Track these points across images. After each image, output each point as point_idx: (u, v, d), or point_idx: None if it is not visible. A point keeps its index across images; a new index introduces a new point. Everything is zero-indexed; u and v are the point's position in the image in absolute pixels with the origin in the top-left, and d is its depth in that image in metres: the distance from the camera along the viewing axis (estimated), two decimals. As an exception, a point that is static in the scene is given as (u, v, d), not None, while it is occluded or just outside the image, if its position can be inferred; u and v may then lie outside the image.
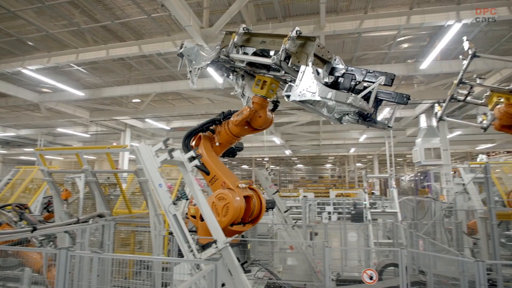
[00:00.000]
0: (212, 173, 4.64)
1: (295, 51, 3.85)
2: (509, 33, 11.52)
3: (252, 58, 4.31)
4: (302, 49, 3.86)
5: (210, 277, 2.33)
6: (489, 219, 5.97)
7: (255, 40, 4.39)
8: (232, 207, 4.13)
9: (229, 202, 4.17)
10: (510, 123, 6.33)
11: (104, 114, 19.22)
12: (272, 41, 4.22)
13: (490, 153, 29.82)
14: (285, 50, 3.71)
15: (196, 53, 5.15)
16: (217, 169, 4.65)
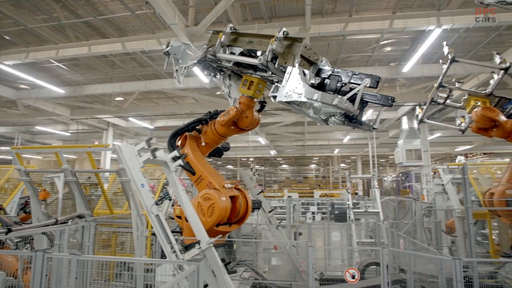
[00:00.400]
0: (198, 173, 4.59)
1: (282, 52, 3.86)
2: (486, 39, 11.97)
3: (239, 58, 4.29)
4: (289, 50, 3.87)
5: (192, 278, 2.29)
6: (466, 218, 6.17)
7: (242, 40, 4.37)
8: (218, 208, 4.10)
9: (215, 202, 4.13)
10: (486, 125, 6.58)
11: (85, 112, 18.73)
12: (259, 41, 4.21)
13: (468, 154, 30.86)
14: (272, 50, 3.72)
15: (183, 52, 5.09)
16: (203, 169, 4.60)
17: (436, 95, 7.61)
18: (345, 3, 10.10)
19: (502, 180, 6.79)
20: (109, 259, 5.14)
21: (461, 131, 7.68)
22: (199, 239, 3.89)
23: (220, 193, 4.29)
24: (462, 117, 7.66)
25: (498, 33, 11.54)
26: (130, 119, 20.93)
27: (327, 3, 10.22)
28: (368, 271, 7.95)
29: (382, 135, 24.52)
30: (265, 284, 6.55)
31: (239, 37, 4.38)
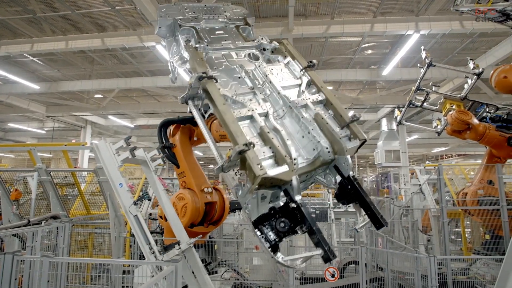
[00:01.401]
0: (181, 167, 4.47)
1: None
2: (461, 45, 12.47)
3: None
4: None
5: (170, 279, 2.24)
6: (441, 217, 6.39)
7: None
8: (190, 208, 4.00)
9: (187, 202, 4.05)
10: (461, 128, 6.84)
11: (62, 109, 18.08)
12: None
13: (443, 156, 31.98)
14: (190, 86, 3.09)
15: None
16: (188, 165, 4.46)
17: (414, 98, 7.86)
18: (327, 6, 10.25)
19: (475, 180, 7.07)
20: (83, 261, 4.97)
21: (437, 133, 7.96)
22: (179, 239, 3.83)
23: (193, 194, 4.19)
24: (438, 119, 7.94)
25: (471, 40, 12.04)
26: (109, 117, 20.40)
27: (310, 5, 10.33)
28: (348, 269, 8.09)
29: (362, 137, 25.00)
30: (246, 284, 6.53)
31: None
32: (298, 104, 2.99)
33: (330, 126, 2.83)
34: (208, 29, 3.69)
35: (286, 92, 3.08)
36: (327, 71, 13.57)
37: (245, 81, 3.19)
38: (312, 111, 2.94)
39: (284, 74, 3.32)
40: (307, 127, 2.82)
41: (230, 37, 3.67)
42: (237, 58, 3.46)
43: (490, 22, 9.18)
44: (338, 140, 2.74)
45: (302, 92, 3.12)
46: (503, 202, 6.14)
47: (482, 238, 7.34)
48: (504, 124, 6.82)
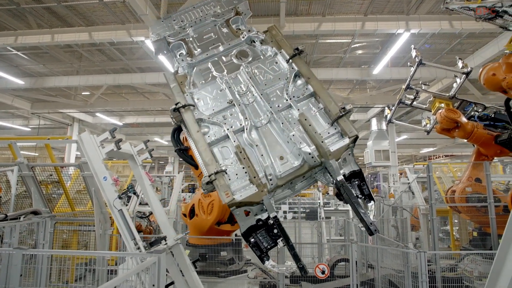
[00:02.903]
0: (200, 168, 4.39)
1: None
2: (449, 47, 12.66)
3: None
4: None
5: (153, 270, 2.13)
6: (430, 214, 6.41)
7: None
8: (217, 205, 3.89)
9: (214, 199, 3.94)
10: (450, 126, 6.90)
11: (48, 106, 17.62)
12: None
13: (431, 157, 32.50)
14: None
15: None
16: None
17: (404, 97, 7.90)
18: (319, 5, 10.24)
19: (463, 178, 7.13)
20: (58, 253, 4.78)
21: (427, 132, 8.02)
22: (165, 234, 3.71)
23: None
24: (428, 118, 8.01)
25: (459, 42, 12.23)
26: (97, 115, 20.03)
27: (302, 4, 10.31)
28: (338, 267, 8.06)
29: (352, 137, 25.19)
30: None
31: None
32: (281, 107, 2.90)
33: (313, 127, 2.73)
34: (197, 35, 3.60)
35: (271, 93, 3.01)
36: (318, 69, 13.58)
37: (226, 93, 3.12)
38: (297, 111, 2.83)
39: (271, 69, 3.20)
40: (288, 133, 2.74)
41: (219, 37, 3.56)
42: (225, 62, 3.37)
43: (478, 23, 9.33)
44: (320, 144, 2.64)
45: (288, 88, 2.99)
46: (491, 199, 6.19)
47: (470, 235, 7.41)
48: (491, 123, 6.90)
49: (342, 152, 2.65)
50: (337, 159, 2.63)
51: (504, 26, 5.25)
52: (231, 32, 3.58)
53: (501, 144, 6.49)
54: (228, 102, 3.05)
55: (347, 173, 2.66)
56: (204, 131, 2.99)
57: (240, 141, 2.83)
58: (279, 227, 2.58)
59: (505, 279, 2.02)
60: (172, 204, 8.94)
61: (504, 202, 6.35)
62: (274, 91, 3.03)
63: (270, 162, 2.72)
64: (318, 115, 2.87)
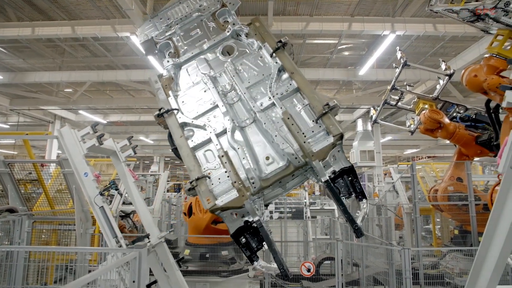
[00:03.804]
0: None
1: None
2: (432, 50, 12.96)
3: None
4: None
5: (133, 266, 2.05)
6: (414, 212, 6.53)
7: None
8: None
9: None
10: (433, 127, 7.06)
11: (28, 102, 17.02)
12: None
13: (415, 158, 33.23)
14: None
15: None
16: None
17: (389, 97, 8.03)
18: (306, 6, 10.30)
19: (445, 177, 7.29)
20: (36, 250, 4.62)
21: (411, 132, 8.18)
22: (148, 232, 3.62)
23: None
24: (412, 119, 8.17)
25: (442, 45, 12.54)
26: (80, 112, 19.50)
27: (290, 5, 10.35)
28: (323, 266, 8.11)
29: (338, 137, 25.49)
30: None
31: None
32: (264, 105, 2.80)
33: (296, 126, 2.63)
34: (183, 33, 3.46)
35: (255, 91, 2.90)
36: (305, 69, 13.65)
37: (210, 94, 3.03)
38: (280, 110, 2.73)
39: (256, 64, 3.05)
40: (271, 134, 2.66)
41: (206, 33, 3.40)
42: (211, 59, 3.25)
43: (461, 26, 9.58)
44: (302, 144, 2.56)
45: (272, 85, 2.86)
46: (471, 198, 6.35)
47: (451, 233, 7.58)
48: (472, 124, 7.08)
49: (326, 152, 2.55)
50: (321, 159, 2.53)
51: (485, 30, 5.39)
52: (218, 26, 3.45)
53: (481, 144, 6.67)
54: (212, 103, 2.97)
55: (338, 170, 2.57)
56: (188, 134, 2.94)
57: (223, 144, 2.78)
58: (262, 231, 2.54)
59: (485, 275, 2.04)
60: (156, 203, 8.77)
61: (484, 201, 6.52)
62: (258, 88, 2.92)
63: (255, 163, 2.66)
64: (303, 112, 2.76)
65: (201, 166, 2.77)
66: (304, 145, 2.56)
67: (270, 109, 2.80)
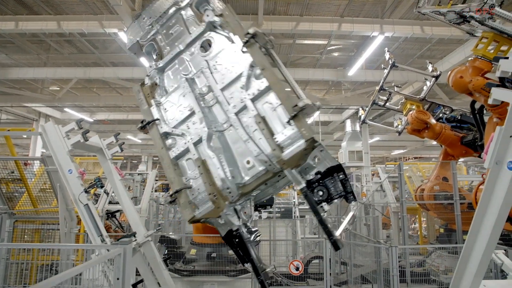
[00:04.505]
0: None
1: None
2: (419, 52, 13.20)
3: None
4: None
5: (117, 263, 1.99)
6: (401, 211, 6.62)
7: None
8: None
9: None
10: (420, 127, 7.18)
11: (11, 99, 16.52)
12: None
13: (402, 158, 33.82)
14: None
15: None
16: None
17: (377, 98, 8.13)
18: (296, 6, 10.34)
19: (431, 177, 7.42)
20: (17, 247, 4.48)
21: (398, 133, 8.30)
22: (135, 231, 3.55)
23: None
24: (400, 119, 8.29)
25: (429, 48, 12.78)
26: (66, 110, 19.09)
27: (280, 5, 10.37)
28: (311, 265, 8.13)
29: (327, 137, 25.69)
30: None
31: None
32: (237, 108, 2.58)
33: (268, 130, 2.40)
34: (165, 31, 3.16)
35: (229, 91, 2.67)
36: (294, 69, 13.71)
37: (188, 98, 2.85)
38: (252, 112, 2.50)
39: (230, 60, 2.76)
40: (244, 140, 2.49)
41: (186, 28, 3.07)
42: (190, 58, 2.96)
43: (447, 28, 9.77)
44: (272, 151, 2.34)
45: (244, 84, 2.61)
46: (456, 197, 6.48)
47: (437, 232, 7.72)
48: (458, 125, 7.23)
49: (298, 158, 2.31)
50: (293, 167, 2.32)
51: (471, 32, 5.50)
52: (198, 18, 3.14)
53: (466, 145, 6.81)
54: (190, 109, 2.80)
55: (324, 171, 2.36)
56: (171, 143, 2.83)
57: (202, 153, 2.65)
58: (240, 240, 2.46)
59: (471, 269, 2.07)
60: (144, 203, 8.64)
61: (469, 200, 6.66)
62: (234, 87, 2.67)
63: (236, 169, 2.52)
64: (278, 112, 2.47)
65: (183, 175, 2.71)
66: (273, 153, 2.34)
67: (244, 111, 2.56)
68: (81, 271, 1.92)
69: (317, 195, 2.36)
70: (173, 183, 2.66)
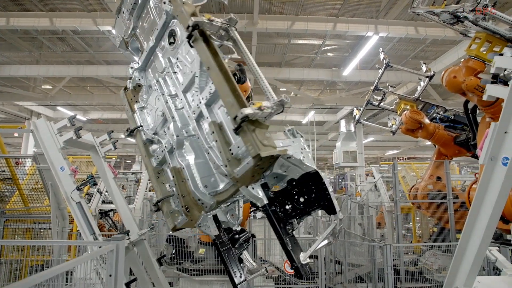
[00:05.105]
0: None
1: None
2: (413, 53, 13.31)
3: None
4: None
5: (110, 260, 1.96)
6: (395, 209, 6.65)
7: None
8: None
9: None
10: (414, 127, 7.23)
11: (2, 97, 16.26)
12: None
13: (396, 158, 34.09)
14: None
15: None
16: None
17: (372, 98, 8.17)
18: (292, 6, 10.35)
19: (425, 176, 7.47)
20: (7, 244, 4.41)
21: (392, 133, 8.34)
22: (128, 229, 3.51)
23: None
24: (394, 119, 8.34)
25: (422, 48, 12.89)
26: (58, 109, 18.85)
27: (275, 5, 10.38)
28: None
29: (322, 137, 25.77)
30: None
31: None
32: (196, 113, 2.25)
33: (223, 141, 2.03)
34: (140, 24, 2.83)
35: (190, 95, 2.33)
36: (289, 69, 13.72)
37: (161, 102, 2.58)
38: (207, 119, 2.15)
39: (188, 57, 2.36)
40: (205, 150, 2.23)
41: (155, 18, 2.62)
42: (162, 53, 2.61)
43: (441, 29, 9.86)
44: (226, 166, 2.00)
45: (198, 87, 2.28)
46: (450, 196, 6.53)
47: (431, 231, 7.77)
48: (451, 124, 7.29)
49: (252, 176, 1.94)
50: (247, 184, 2.00)
51: (464, 33, 5.55)
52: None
53: (460, 144, 6.87)
54: (162, 114, 2.56)
55: (297, 179, 2.01)
56: (154, 150, 2.70)
57: (175, 161, 2.45)
58: (218, 249, 2.33)
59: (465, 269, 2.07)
60: (137, 202, 8.56)
61: (462, 199, 6.71)
62: (192, 89, 2.33)
63: (211, 177, 2.26)
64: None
65: (168, 182, 2.61)
66: (226, 169, 2.01)
67: (203, 117, 2.22)
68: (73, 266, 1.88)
69: (286, 209, 2.01)
70: (156, 191, 2.61)
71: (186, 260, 5.66)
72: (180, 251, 6.07)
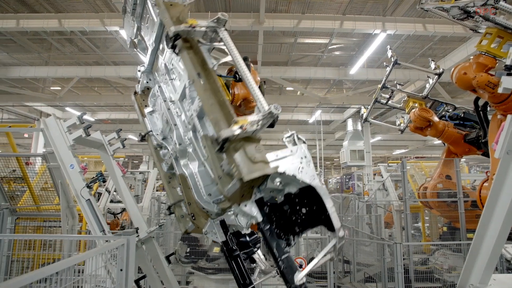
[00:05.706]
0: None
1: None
2: (421, 50, 13.15)
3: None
4: None
5: (121, 254, 1.96)
6: (404, 208, 6.57)
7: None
8: None
9: None
10: (422, 125, 7.13)
11: (12, 98, 16.50)
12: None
13: (403, 157, 33.79)
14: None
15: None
16: None
17: (379, 96, 8.10)
18: (298, 4, 10.31)
19: (434, 175, 7.37)
20: (19, 238, 4.47)
21: (401, 131, 8.26)
22: (137, 226, 3.52)
23: None
24: (402, 117, 8.25)
25: (430, 47, 12.74)
26: (67, 109, 19.07)
27: (282, 3, 10.35)
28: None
29: (328, 137, 25.64)
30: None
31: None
32: (191, 124, 2.11)
33: (209, 160, 1.93)
34: (143, 24, 2.72)
35: (186, 103, 2.18)
36: (296, 68, 13.68)
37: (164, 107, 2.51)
38: (200, 132, 2.02)
39: (181, 64, 2.21)
40: (200, 164, 2.17)
41: (154, 19, 2.44)
42: (163, 57, 2.48)
43: (450, 26, 9.71)
44: (217, 183, 1.88)
45: (189, 97, 2.13)
46: (460, 195, 6.42)
47: (440, 230, 7.67)
48: (461, 122, 7.18)
49: (241, 195, 1.79)
50: (239, 203, 1.83)
51: (474, 28, 5.45)
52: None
53: (470, 142, 6.76)
54: (166, 122, 2.49)
55: (294, 192, 1.81)
56: (164, 154, 2.67)
57: (181, 168, 2.37)
58: (224, 254, 2.29)
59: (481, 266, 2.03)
60: (145, 201, 8.62)
61: (473, 198, 6.60)
62: (185, 99, 2.19)
63: (214, 184, 2.12)
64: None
65: (177, 187, 2.62)
66: (217, 187, 1.93)
67: (197, 129, 2.12)
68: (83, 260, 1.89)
69: (283, 225, 1.85)
70: (168, 195, 2.65)
71: (201, 258, 5.66)
72: (194, 250, 6.08)
